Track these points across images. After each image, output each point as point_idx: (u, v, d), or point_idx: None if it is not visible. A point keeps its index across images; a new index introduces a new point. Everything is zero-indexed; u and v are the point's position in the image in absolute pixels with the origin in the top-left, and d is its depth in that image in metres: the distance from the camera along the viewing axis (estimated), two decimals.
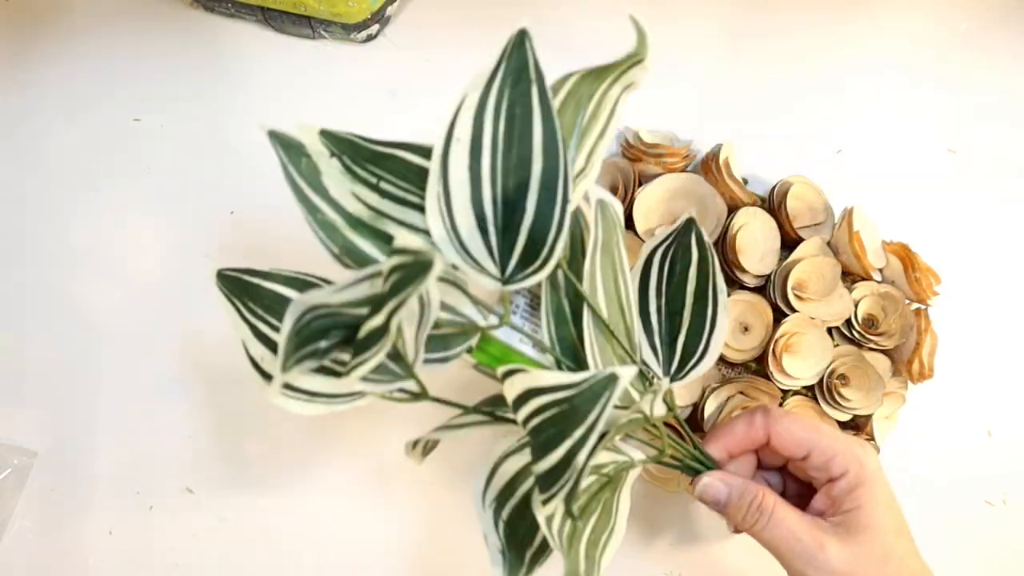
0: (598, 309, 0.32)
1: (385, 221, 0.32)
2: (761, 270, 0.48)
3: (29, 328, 0.52)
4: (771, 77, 0.58)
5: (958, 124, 0.57)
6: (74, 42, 0.60)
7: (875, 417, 0.48)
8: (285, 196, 0.56)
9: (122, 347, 0.52)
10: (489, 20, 0.60)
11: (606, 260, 0.33)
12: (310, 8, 0.55)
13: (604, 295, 0.33)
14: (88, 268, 0.54)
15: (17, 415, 0.50)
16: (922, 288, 0.48)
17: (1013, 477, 0.50)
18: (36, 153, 0.57)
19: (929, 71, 0.58)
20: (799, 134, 0.56)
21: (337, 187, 0.32)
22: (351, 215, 0.32)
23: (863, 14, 0.60)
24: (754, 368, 0.49)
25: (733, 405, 0.46)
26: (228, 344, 0.39)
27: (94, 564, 0.47)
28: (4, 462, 0.48)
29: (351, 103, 0.58)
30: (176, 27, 0.60)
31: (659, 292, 0.37)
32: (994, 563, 0.48)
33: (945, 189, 0.55)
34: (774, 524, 0.33)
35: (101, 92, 0.58)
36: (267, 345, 0.33)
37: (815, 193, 0.51)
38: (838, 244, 0.49)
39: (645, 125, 0.55)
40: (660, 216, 0.50)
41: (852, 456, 0.33)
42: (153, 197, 0.55)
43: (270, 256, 0.54)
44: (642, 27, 0.34)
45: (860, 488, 0.33)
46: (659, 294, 0.37)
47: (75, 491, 0.49)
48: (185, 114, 0.58)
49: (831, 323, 0.47)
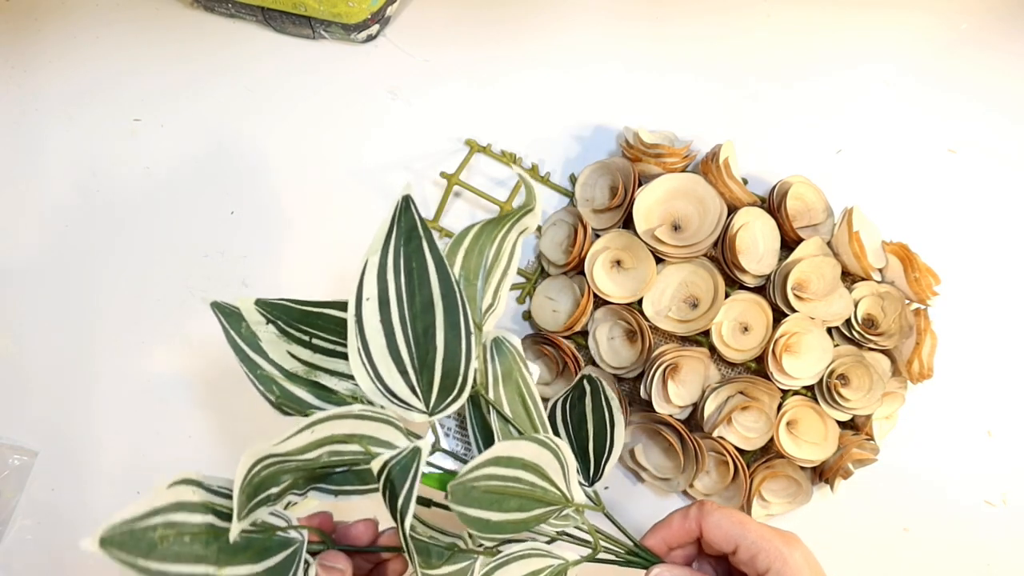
0: (512, 423, 0.37)
1: (318, 372, 0.36)
2: (761, 270, 0.48)
3: (29, 328, 0.52)
4: (771, 77, 0.58)
5: (958, 124, 0.57)
6: (74, 42, 0.60)
7: (875, 417, 0.48)
8: (285, 196, 0.57)
9: (122, 347, 0.52)
10: (489, 20, 0.60)
11: (511, 388, 0.37)
12: (310, 8, 0.55)
13: (515, 416, 0.37)
14: (88, 268, 0.54)
15: (17, 415, 0.50)
16: (922, 288, 0.48)
17: (1013, 477, 0.50)
18: (36, 153, 0.57)
19: (929, 71, 0.58)
20: (799, 134, 0.56)
21: (274, 349, 0.35)
22: (287, 370, 0.36)
23: (863, 14, 0.60)
24: (754, 368, 0.49)
25: (733, 405, 0.46)
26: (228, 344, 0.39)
27: (94, 564, 0.47)
28: (4, 462, 0.48)
29: (351, 103, 0.58)
30: (176, 27, 0.60)
31: (566, 425, 0.42)
32: (994, 563, 0.48)
33: (945, 189, 0.55)
34: None
35: (101, 92, 0.58)
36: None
37: (815, 193, 0.51)
38: (838, 244, 0.49)
39: (645, 125, 0.55)
40: (660, 216, 0.50)
41: (776, 553, 0.34)
42: (153, 197, 0.55)
43: (270, 256, 0.54)
44: (531, 183, 0.38)
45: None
46: (566, 426, 0.42)
47: (75, 491, 0.49)
48: (185, 114, 0.58)
49: (831, 323, 0.47)
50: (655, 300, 0.49)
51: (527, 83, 0.58)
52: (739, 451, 0.47)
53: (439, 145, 0.56)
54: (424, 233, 0.32)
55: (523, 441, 0.32)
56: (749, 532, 0.35)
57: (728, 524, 0.36)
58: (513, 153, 0.56)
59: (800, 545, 0.35)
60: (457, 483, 0.29)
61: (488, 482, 0.31)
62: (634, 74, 0.58)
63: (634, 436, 0.49)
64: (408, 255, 0.32)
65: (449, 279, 0.32)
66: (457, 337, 0.32)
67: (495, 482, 0.31)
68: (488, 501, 0.31)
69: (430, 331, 0.32)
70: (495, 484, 0.31)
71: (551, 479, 0.34)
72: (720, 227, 0.49)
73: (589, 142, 0.56)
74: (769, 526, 0.36)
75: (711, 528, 0.36)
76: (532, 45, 0.59)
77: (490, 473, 0.31)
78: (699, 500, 0.38)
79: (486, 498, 0.31)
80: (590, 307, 0.49)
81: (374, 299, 0.32)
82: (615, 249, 0.50)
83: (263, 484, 0.30)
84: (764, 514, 0.47)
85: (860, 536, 0.49)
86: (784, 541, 0.35)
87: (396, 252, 0.32)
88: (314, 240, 0.54)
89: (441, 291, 0.32)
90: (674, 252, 0.49)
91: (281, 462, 0.30)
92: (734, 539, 0.35)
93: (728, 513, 0.36)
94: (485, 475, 0.31)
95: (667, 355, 0.47)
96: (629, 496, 0.50)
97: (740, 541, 0.35)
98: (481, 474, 0.30)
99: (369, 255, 0.32)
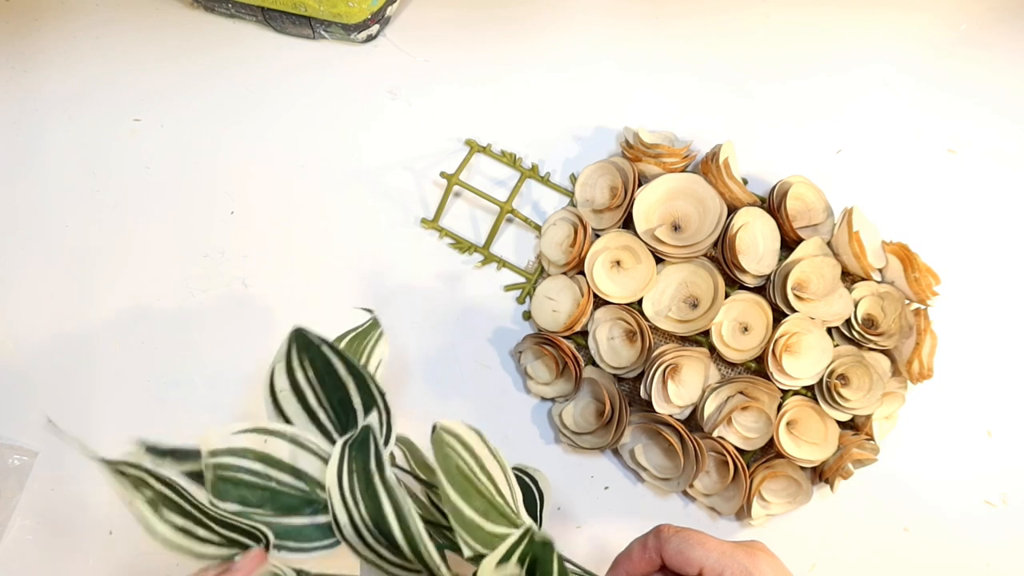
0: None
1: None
2: (761, 270, 0.48)
3: (29, 328, 0.52)
4: (771, 77, 0.58)
5: (958, 124, 0.57)
6: (74, 42, 0.60)
7: (875, 417, 0.48)
8: (285, 196, 0.57)
9: (122, 347, 0.52)
10: (489, 20, 0.60)
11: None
12: (310, 8, 0.55)
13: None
14: (88, 268, 0.54)
15: (17, 415, 0.50)
16: (922, 288, 0.48)
17: (1013, 477, 0.50)
18: (36, 153, 0.57)
19: (929, 71, 0.58)
20: (799, 134, 0.56)
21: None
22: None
23: (863, 14, 0.60)
24: (754, 368, 0.49)
25: (733, 405, 0.46)
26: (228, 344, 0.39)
27: (94, 564, 0.47)
28: (4, 462, 0.48)
29: (351, 103, 0.58)
30: (176, 27, 0.60)
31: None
32: (994, 563, 0.48)
33: (945, 189, 0.55)
34: None
35: (101, 92, 0.58)
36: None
37: (815, 193, 0.51)
38: (838, 244, 0.49)
39: (645, 125, 0.55)
40: (660, 216, 0.50)
41: (740, 569, 0.34)
42: (153, 197, 0.55)
43: (270, 256, 0.54)
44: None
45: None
46: None
47: (75, 491, 0.49)
48: (185, 114, 0.58)
49: (831, 323, 0.47)
50: (655, 300, 0.49)
51: (527, 83, 0.58)
52: (739, 451, 0.47)
53: (439, 145, 0.56)
54: (318, 339, 0.34)
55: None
56: (710, 552, 0.34)
57: (687, 548, 0.35)
58: (513, 153, 0.56)
59: (763, 556, 0.35)
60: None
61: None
62: (634, 74, 0.58)
63: (634, 436, 0.49)
64: (310, 356, 0.35)
65: (350, 360, 0.34)
66: (371, 397, 0.34)
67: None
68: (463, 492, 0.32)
69: (346, 400, 0.35)
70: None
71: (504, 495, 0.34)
72: (720, 227, 0.49)
73: (589, 142, 0.56)
74: (730, 542, 0.35)
75: (671, 555, 0.35)
76: (532, 45, 0.59)
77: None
78: (656, 527, 0.37)
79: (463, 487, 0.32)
80: (590, 307, 0.49)
81: (287, 390, 0.35)
82: (615, 249, 0.50)
83: (217, 487, 0.32)
84: (764, 514, 0.47)
85: (860, 536, 0.49)
86: (746, 554, 0.34)
87: (299, 357, 0.35)
88: (314, 240, 0.54)
89: (346, 369, 0.34)
90: (674, 252, 0.49)
91: (235, 468, 0.32)
92: (696, 562, 0.34)
93: (686, 536, 0.35)
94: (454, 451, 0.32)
95: (667, 355, 0.47)
96: (629, 496, 0.50)
97: (703, 563, 0.34)
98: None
99: (275, 363, 0.36)
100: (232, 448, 0.33)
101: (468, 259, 0.54)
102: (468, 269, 0.54)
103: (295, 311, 0.52)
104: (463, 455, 0.34)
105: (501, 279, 0.53)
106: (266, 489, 0.34)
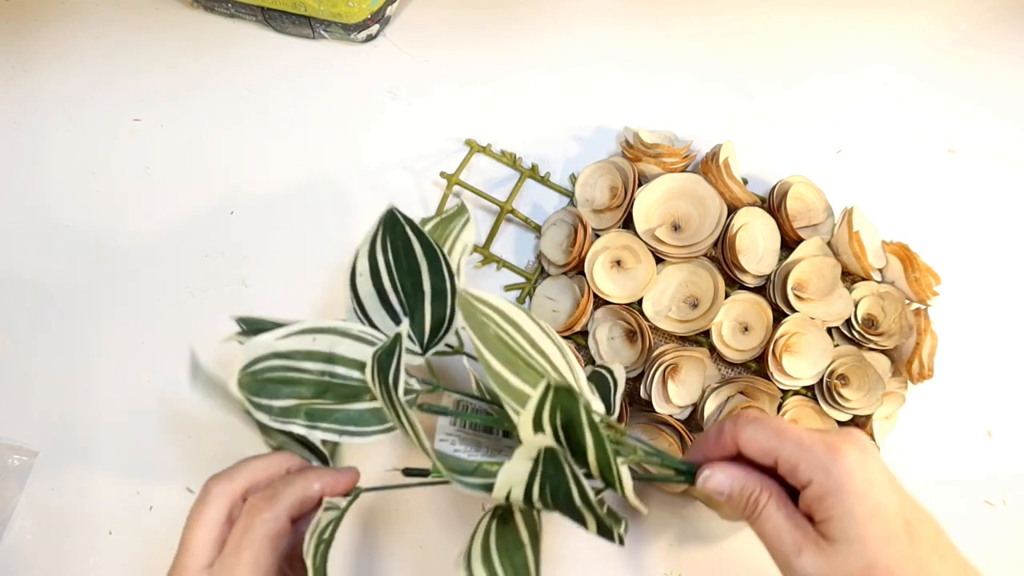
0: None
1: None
2: (761, 270, 0.48)
3: (29, 328, 0.52)
4: (771, 77, 0.58)
5: (958, 124, 0.57)
6: (74, 42, 0.60)
7: (875, 417, 0.48)
8: (285, 196, 0.57)
9: (122, 347, 0.52)
10: (488, 20, 0.60)
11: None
12: (310, 8, 0.55)
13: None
14: (88, 268, 0.54)
15: (17, 415, 0.50)
16: (922, 288, 0.48)
17: (1013, 477, 0.50)
18: (36, 153, 0.57)
19: (929, 71, 0.58)
20: (799, 134, 0.56)
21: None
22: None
23: (863, 14, 0.60)
24: (754, 368, 0.49)
25: (733, 405, 0.46)
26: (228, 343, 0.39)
27: (94, 564, 0.47)
28: (4, 462, 0.48)
29: (351, 103, 0.58)
30: (176, 27, 0.60)
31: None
32: (994, 563, 0.48)
33: (945, 189, 0.55)
34: (763, 520, 0.32)
35: (101, 92, 0.58)
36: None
37: (815, 193, 0.51)
38: (838, 244, 0.49)
39: (645, 125, 0.55)
40: (660, 216, 0.50)
41: (817, 465, 0.30)
42: (153, 197, 0.55)
43: (270, 256, 0.54)
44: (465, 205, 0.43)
45: (828, 499, 0.30)
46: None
47: (75, 491, 0.49)
48: (185, 114, 0.58)
49: (831, 323, 0.47)
50: (655, 300, 0.49)
51: (527, 83, 0.58)
52: None
53: (439, 145, 0.56)
54: (404, 219, 0.37)
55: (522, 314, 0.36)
56: (787, 443, 0.31)
57: (763, 437, 0.31)
58: (513, 153, 0.56)
59: (851, 450, 0.30)
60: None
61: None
62: (634, 74, 0.58)
63: (634, 436, 0.49)
64: (393, 238, 0.37)
65: (428, 240, 0.36)
66: (441, 280, 0.36)
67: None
68: (506, 361, 0.33)
69: (417, 283, 0.37)
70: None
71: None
72: (720, 227, 0.49)
73: (589, 142, 0.56)
74: (814, 431, 0.31)
75: (747, 443, 0.32)
76: (532, 45, 0.59)
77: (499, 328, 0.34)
78: (736, 411, 0.33)
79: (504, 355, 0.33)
80: (590, 307, 0.49)
81: (366, 273, 0.38)
82: (615, 249, 0.50)
83: (266, 388, 0.34)
84: None
85: None
86: (827, 448, 0.30)
87: (383, 238, 0.38)
88: (314, 240, 0.54)
89: (423, 250, 0.36)
90: (674, 252, 0.49)
91: (284, 368, 0.34)
92: (772, 452, 0.31)
93: (763, 423, 0.32)
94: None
95: (667, 355, 0.47)
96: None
97: (778, 453, 0.31)
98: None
99: (361, 246, 0.38)
100: (277, 351, 0.34)
101: (468, 259, 0.54)
102: (468, 269, 0.54)
103: (295, 311, 0.52)
104: (504, 326, 0.35)
105: (501, 279, 0.53)
106: (319, 383, 0.35)
